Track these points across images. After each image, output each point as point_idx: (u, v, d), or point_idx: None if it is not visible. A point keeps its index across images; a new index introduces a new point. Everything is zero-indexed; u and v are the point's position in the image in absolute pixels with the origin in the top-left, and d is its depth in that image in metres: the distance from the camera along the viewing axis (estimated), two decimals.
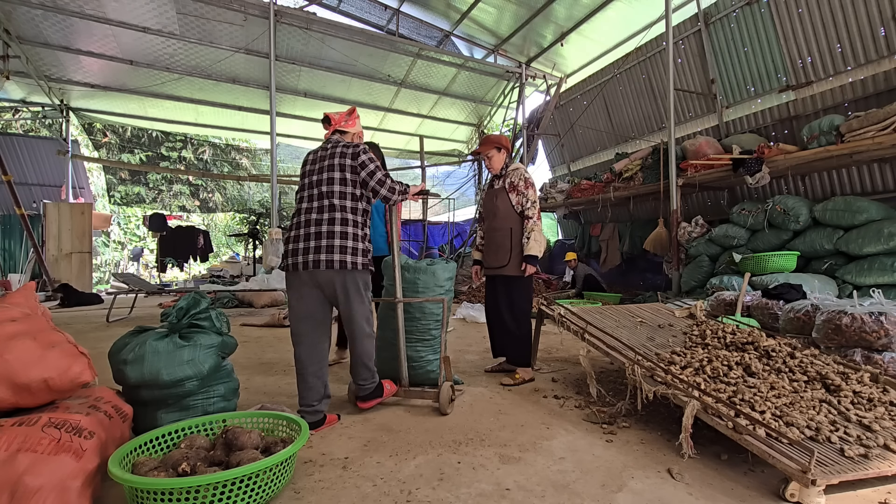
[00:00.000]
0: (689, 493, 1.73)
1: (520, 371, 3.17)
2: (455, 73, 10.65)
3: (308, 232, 2.32)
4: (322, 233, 2.31)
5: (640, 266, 8.68)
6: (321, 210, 2.34)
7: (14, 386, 1.62)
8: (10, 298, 2.01)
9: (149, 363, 2.03)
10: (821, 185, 6.25)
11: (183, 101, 10.35)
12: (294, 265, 2.33)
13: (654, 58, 8.03)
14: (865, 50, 5.46)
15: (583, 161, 10.52)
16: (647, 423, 2.40)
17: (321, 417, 2.34)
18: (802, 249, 5.23)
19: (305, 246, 2.31)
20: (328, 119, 2.56)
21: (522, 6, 8.58)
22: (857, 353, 2.93)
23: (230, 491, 1.52)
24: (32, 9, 7.36)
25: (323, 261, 2.27)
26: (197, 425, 1.98)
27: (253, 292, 7.36)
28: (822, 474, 1.63)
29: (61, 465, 1.45)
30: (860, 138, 4.81)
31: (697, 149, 6.52)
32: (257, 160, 16.89)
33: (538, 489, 1.75)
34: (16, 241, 10.39)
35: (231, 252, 17.40)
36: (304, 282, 2.33)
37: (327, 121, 2.56)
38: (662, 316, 3.41)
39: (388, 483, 1.80)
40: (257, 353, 4.19)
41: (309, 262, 2.29)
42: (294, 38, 8.85)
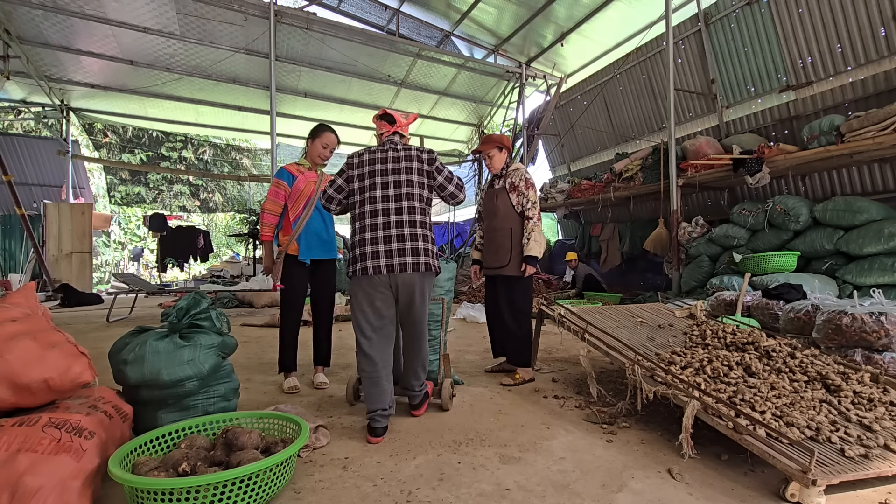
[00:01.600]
0: (690, 494, 1.72)
1: (520, 371, 3.17)
2: (455, 74, 10.65)
3: (389, 234, 2.28)
4: (405, 235, 2.29)
5: (640, 266, 8.68)
6: (399, 212, 2.31)
7: (14, 386, 1.62)
8: (11, 298, 2.01)
9: (149, 363, 2.03)
10: (821, 185, 6.25)
11: (183, 102, 10.34)
12: (376, 268, 2.25)
13: (654, 58, 8.02)
14: (866, 50, 5.46)
15: (583, 161, 10.51)
16: (648, 424, 2.40)
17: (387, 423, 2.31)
18: (803, 249, 5.23)
19: (388, 249, 2.26)
20: (391, 118, 2.50)
21: (522, 6, 8.58)
22: (858, 353, 2.93)
23: (230, 491, 1.52)
24: (33, 9, 7.35)
25: (409, 263, 2.26)
26: (197, 425, 1.98)
27: (253, 292, 7.36)
28: (823, 474, 1.63)
29: (61, 465, 1.45)
30: (860, 138, 4.80)
31: (697, 149, 6.52)
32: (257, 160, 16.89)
33: (538, 489, 1.75)
34: (16, 242, 10.39)
35: (231, 252, 17.41)
36: (379, 285, 2.27)
37: (389, 119, 2.50)
38: (662, 316, 3.40)
39: (389, 483, 1.80)
40: (257, 353, 4.19)
41: (394, 266, 2.25)
42: (294, 38, 8.84)
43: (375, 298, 2.28)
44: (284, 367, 3.10)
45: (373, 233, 2.29)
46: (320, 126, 3.17)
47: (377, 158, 2.39)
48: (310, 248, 3.01)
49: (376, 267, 2.25)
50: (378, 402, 2.26)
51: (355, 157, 2.41)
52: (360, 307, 2.31)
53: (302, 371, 3.48)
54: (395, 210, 2.31)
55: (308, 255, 3.00)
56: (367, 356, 2.30)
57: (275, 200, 3.03)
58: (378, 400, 2.27)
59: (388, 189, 2.33)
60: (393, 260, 2.25)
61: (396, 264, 2.25)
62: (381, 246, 2.27)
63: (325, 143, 3.12)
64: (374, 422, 2.24)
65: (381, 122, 2.51)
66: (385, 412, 2.27)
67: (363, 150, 2.44)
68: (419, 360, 2.46)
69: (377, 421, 2.24)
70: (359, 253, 2.29)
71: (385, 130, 2.49)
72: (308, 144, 3.14)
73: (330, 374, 3.40)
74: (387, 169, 2.36)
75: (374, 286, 2.27)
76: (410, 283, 2.29)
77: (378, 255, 2.26)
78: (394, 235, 2.28)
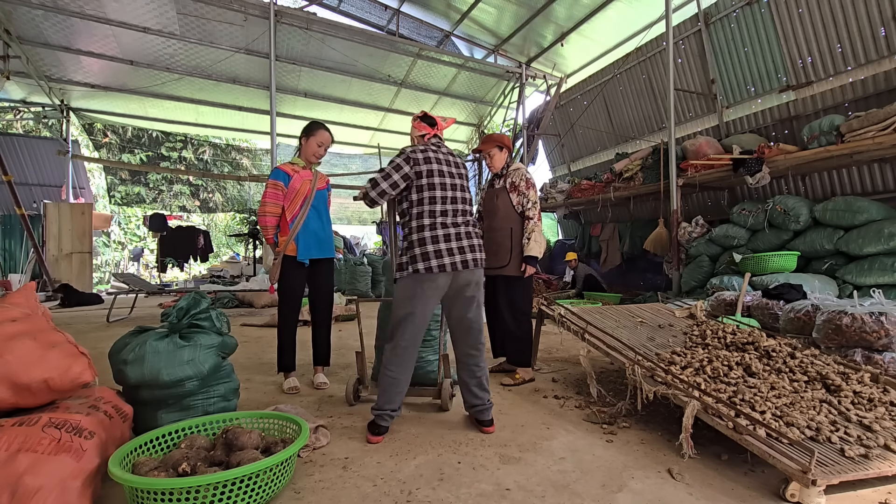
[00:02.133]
0: (690, 494, 1.72)
1: (520, 371, 3.17)
2: (455, 74, 10.65)
3: (458, 232, 2.30)
4: (470, 233, 2.35)
5: (640, 266, 8.67)
6: (464, 214, 2.37)
7: (14, 386, 1.62)
8: (11, 298, 2.01)
9: (149, 363, 2.03)
10: (821, 185, 6.25)
11: (183, 102, 10.34)
12: (452, 265, 2.22)
13: (654, 58, 8.02)
14: (866, 50, 5.46)
15: (583, 161, 10.51)
16: (648, 424, 2.40)
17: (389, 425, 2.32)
18: (803, 249, 5.23)
19: (459, 246, 2.27)
20: (431, 120, 2.50)
21: (522, 6, 8.58)
22: (858, 353, 2.93)
23: (230, 491, 1.52)
24: (33, 9, 7.35)
25: (479, 259, 2.32)
26: (197, 425, 1.98)
27: (253, 292, 7.36)
28: (823, 474, 1.63)
29: (61, 465, 1.45)
30: (860, 138, 4.80)
31: (698, 149, 6.52)
32: (258, 160, 16.88)
33: (538, 489, 1.75)
34: (16, 242, 10.39)
35: (231, 252, 17.41)
36: (442, 285, 2.24)
37: (430, 121, 2.50)
38: (662, 316, 3.41)
39: (389, 483, 1.80)
40: (257, 353, 4.19)
41: (468, 262, 2.27)
42: (294, 38, 8.84)
43: (430, 303, 2.25)
44: (284, 367, 3.09)
45: (443, 230, 2.27)
46: (314, 123, 3.12)
47: (440, 159, 2.37)
48: (308, 248, 2.98)
49: (453, 263, 2.23)
50: (391, 402, 2.25)
51: (417, 154, 2.33)
52: (411, 308, 2.23)
53: (302, 371, 3.48)
54: (461, 212, 2.35)
55: (307, 256, 2.97)
56: (401, 359, 2.26)
57: (275, 202, 2.98)
58: (391, 400, 2.26)
59: (455, 191, 2.35)
60: (467, 256, 2.27)
61: (470, 260, 2.27)
62: (454, 243, 2.26)
63: (320, 141, 3.08)
64: (380, 419, 2.24)
65: (421, 124, 2.50)
66: (394, 413, 2.27)
67: (419, 146, 2.39)
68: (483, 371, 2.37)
69: (384, 419, 2.24)
70: (420, 252, 2.22)
71: (426, 132, 2.48)
72: (302, 143, 3.09)
73: (330, 374, 3.40)
74: (451, 172, 2.37)
75: (436, 286, 2.23)
76: (471, 281, 2.30)
77: (452, 253, 2.24)
78: (463, 233, 2.31)
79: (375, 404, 2.28)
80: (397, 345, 2.26)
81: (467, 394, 2.37)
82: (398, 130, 12.68)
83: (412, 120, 2.56)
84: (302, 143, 3.09)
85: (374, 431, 2.23)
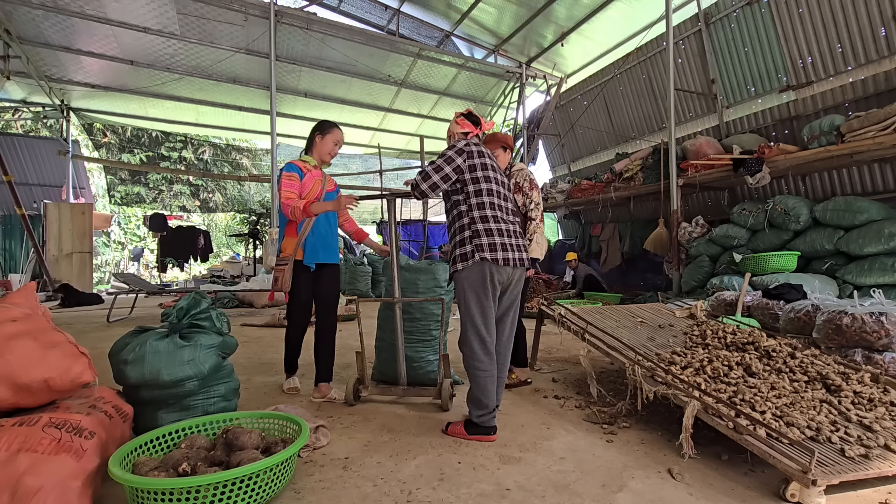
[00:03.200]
0: (690, 494, 1.72)
1: (516, 371, 3.14)
2: (455, 74, 10.65)
3: (511, 230, 2.28)
4: (520, 232, 2.35)
5: (640, 266, 8.68)
6: (514, 213, 2.39)
7: (15, 386, 1.62)
8: (11, 298, 2.01)
9: (149, 363, 2.03)
10: (821, 185, 6.25)
11: (183, 102, 10.35)
12: (516, 261, 2.22)
13: (654, 58, 8.02)
14: (866, 50, 5.46)
15: (583, 161, 10.51)
16: (648, 424, 2.39)
17: None
18: (803, 249, 5.23)
19: (515, 243, 2.26)
20: (476, 119, 2.48)
21: (523, 6, 8.58)
22: (858, 353, 2.93)
23: (230, 491, 1.52)
24: (33, 9, 7.36)
25: (527, 258, 2.32)
26: (197, 425, 1.98)
27: (253, 292, 7.37)
28: (823, 474, 1.63)
29: (62, 465, 1.45)
30: (861, 138, 4.80)
31: (698, 149, 6.52)
32: (258, 160, 16.88)
33: (538, 489, 1.75)
34: (16, 242, 10.39)
35: (231, 252, 17.42)
36: (503, 280, 2.22)
37: (475, 120, 2.48)
38: (663, 316, 3.41)
39: (389, 483, 1.80)
40: (258, 353, 4.19)
41: (524, 259, 2.28)
42: (294, 38, 8.85)
43: (494, 293, 2.21)
44: (289, 368, 3.04)
45: (498, 224, 2.24)
46: (329, 122, 2.94)
47: (488, 155, 2.36)
48: (315, 251, 2.82)
49: (514, 259, 2.21)
50: (496, 398, 2.24)
51: (472, 147, 2.30)
52: (481, 299, 2.18)
53: (302, 370, 3.48)
54: (512, 210, 2.37)
55: (313, 260, 2.82)
56: (490, 353, 2.20)
57: (291, 191, 2.73)
58: (496, 396, 2.24)
59: (504, 188, 2.37)
60: (523, 254, 2.28)
61: (525, 258, 2.29)
62: (511, 239, 2.25)
63: (336, 139, 2.91)
64: (493, 419, 2.22)
65: (465, 121, 2.46)
66: (496, 409, 2.26)
67: (472, 141, 2.36)
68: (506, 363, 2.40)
69: (494, 418, 2.23)
70: (488, 242, 2.18)
71: (470, 130, 2.45)
72: (316, 140, 2.88)
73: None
74: (494, 166, 2.36)
75: (500, 278, 2.20)
76: (521, 279, 2.32)
77: (511, 248, 2.22)
78: (514, 231, 2.30)
79: (477, 409, 2.20)
80: (482, 340, 2.18)
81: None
82: (398, 130, 12.69)
83: (455, 116, 2.51)
84: (316, 140, 2.89)
85: (489, 432, 2.20)
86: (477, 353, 2.19)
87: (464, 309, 2.22)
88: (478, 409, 2.21)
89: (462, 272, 2.20)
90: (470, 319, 2.19)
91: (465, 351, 2.23)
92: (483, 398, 2.19)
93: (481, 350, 2.19)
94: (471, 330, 2.20)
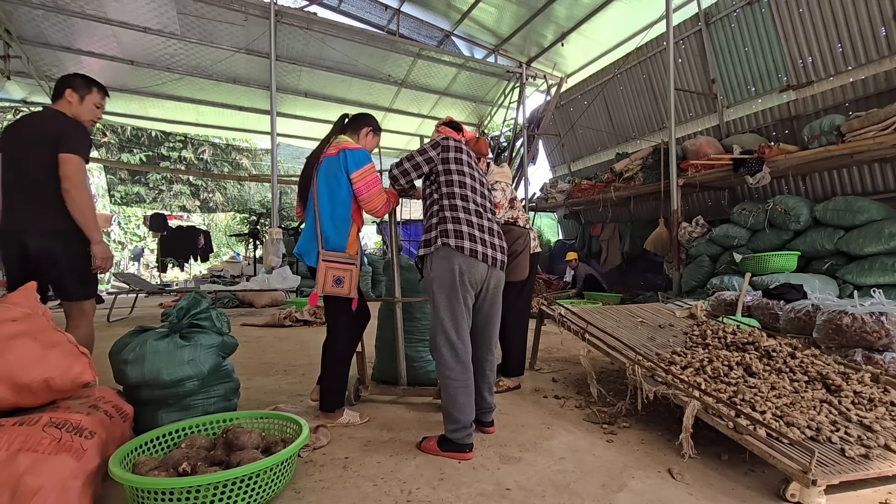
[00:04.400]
0: (690, 494, 1.72)
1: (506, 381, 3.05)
2: (455, 74, 10.65)
3: (486, 226, 2.15)
4: (499, 232, 2.23)
5: (640, 266, 8.68)
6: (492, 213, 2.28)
7: (15, 386, 1.62)
8: (11, 298, 2.01)
9: (149, 363, 2.04)
10: (821, 185, 6.24)
11: (183, 101, 10.35)
12: (489, 257, 2.08)
13: (654, 58, 8.02)
14: (866, 49, 5.46)
15: (583, 161, 10.51)
16: (648, 424, 2.39)
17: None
18: (803, 249, 5.23)
19: (490, 240, 2.13)
20: (458, 126, 2.47)
21: (523, 6, 8.58)
22: (858, 353, 2.93)
23: (231, 491, 1.52)
24: (33, 9, 7.36)
25: (501, 261, 2.18)
26: (197, 425, 1.98)
27: (253, 292, 7.37)
28: (823, 474, 1.63)
29: (62, 465, 1.45)
30: (861, 138, 4.80)
31: (698, 149, 6.51)
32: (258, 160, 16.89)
33: (538, 489, 1.75)
34: None
35: (231, 252, 17.43)
36: (475, 280, 2.06)
37: (456, 127, 2.47)
38: (663, 316, 3.40)
39: (389, 483, 1.80)
40: (258, 353, 4.20)
41: (498, 260, 2.14)
42: (294, 38, 8.85)
43: (465, 294, 2.04)
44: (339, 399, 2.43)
45: (477, 218, 2.13)
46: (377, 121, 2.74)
47: (467, 153, 2.28)
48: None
49: (489, 256, 2.08)
50: (472, 411, 2.05)
51: (449, 141, 2.24)
52: (451, 301, 2.02)
53: (303, 370, 3.48)
54: (489, 210, 2.25)
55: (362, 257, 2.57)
56: (462, 362, 2.03)
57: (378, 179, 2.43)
58: (472, 409, 2.05)
59: (483, 186, 2.28)
60: (497, 254, 2.14)
61: (500, 259, 2.16)
62: (487, 236, 2.12)
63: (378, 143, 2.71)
64: (469, 436, 2.03)
65: (446, 129, 2.44)
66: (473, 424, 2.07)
67: (452, 138, 2.29)
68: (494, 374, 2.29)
69: (472, 435, 2.05)
70: (454, 228, 2.05)
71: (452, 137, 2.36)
72: (367, 133, 2.60)
73: None
74: (476, 175, 2.27)
75: (472, 278, 2.04)
76: (499, 281, 2.19)
77: (486, 244, 2.09)
78: (494, 230, 2.19)
79: (448, 423, 2.02)
80: (452, 347, 2.02)
81: (478, 397, 2.20)
82: (399, 130, 12.68)
83: (437, 125, 2.49)
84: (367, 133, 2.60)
85: (466, 450, 2.01)
86: (447, 360, 2.03)
87: (432, 311, 2.08)
88: (449, 423, 2.03)
89: (428, 268, 2.07)
90: (439, 323, 2.04)
91: (435, 357, 2.10)
92: (453, 411, 2.00)
93: (452, 358, 2.02)
94: (440, 335, 2.04)
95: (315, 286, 2.26)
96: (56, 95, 2.50)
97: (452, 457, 2.01)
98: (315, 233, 2.32)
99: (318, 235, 2.31)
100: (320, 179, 2.35)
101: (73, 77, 2.55)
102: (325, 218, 2.33)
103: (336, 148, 2.37)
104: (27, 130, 2.39)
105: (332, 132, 2.51)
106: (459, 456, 2.00)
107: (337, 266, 2.29)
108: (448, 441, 2.03)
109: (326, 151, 2.38)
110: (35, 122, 2.44)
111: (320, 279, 2.25)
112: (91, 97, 2.60)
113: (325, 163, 2.36)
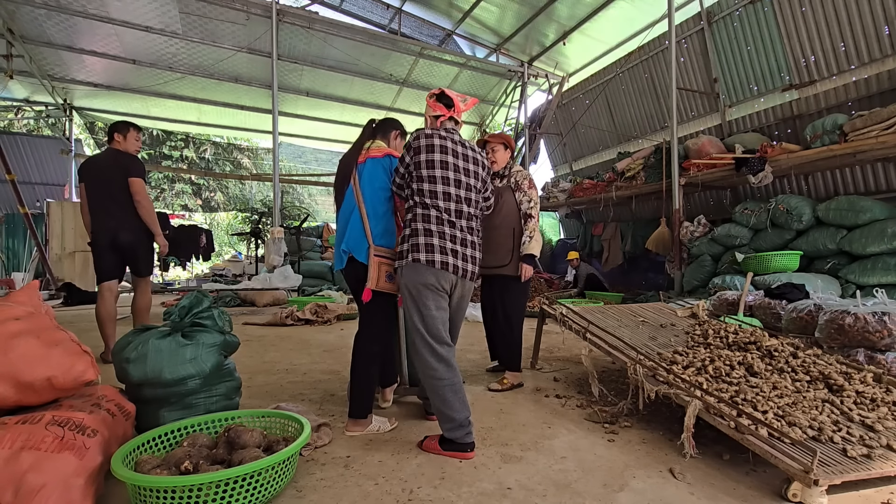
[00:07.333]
0: (691, 493, 1.72)
1: (508, 376, 3.09)
2: (457, 73, 10.64)
3: (464, 238, 2.13)
4: (471, 242, 2.17)
5: (642, 265, 8.67)
6: (469, 217, 2.18)
7: (18, 384, 1.62)
8: (14, 297, 2.02)
9: (151, 362, 2.04)
10: (824, 184, 6.23)
11: (185, 101, 10.38)
12: (459, 269, 2.08)
13: (656, 57, 8.01)
14: (869, 48, 5.44)
15: (585, 160, 10.50)
16: (649, 423, 2.39)
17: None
18: (805, 249, 5.22)
19: (464, 252, 2.12)
20: (448, 100, 2.23)
21: (525, 5, 8.57)
22: (860, 353, 2.92)
23: (232, 489, 1.52)
24: (36, 8, 7.38)
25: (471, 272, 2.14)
26: (199, 424, 1.98)
27: (255, 291, 7.37)
28: (825, 474, 1.63)
29: (64, 463, 1.46)
30: (864, 137, 4.79)
31: (700, 148, 6.50)
32: (259, 159, 16.92)
33: (540, 488, 1.75)
34: (19, 240, 10.43)
35: (233, 251, 17.44)
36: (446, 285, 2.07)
37: (447, 102, 2.23)
38: (664, 315, 3.40)
39: (390, 482, 1.80)
40: (259, 352, 4.20)
41: (468, 271, 2.12)
42: (296, 37, 8.86)
43: (442, 299, 2.08)
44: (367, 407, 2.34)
45: (450, 228, 2.10)
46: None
47: (448, 148, 2.14)
48: None
49: (459, 268, 2.08)
50: (465, 408, 2.03)
51: (421, 141, 2.13)
52: (419, 306, 2.05)
53: (304, 369, 3.49)
54: (466, 214, 2.16)
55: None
56: (447, 362, 2.04)
57: None
58: (464, 406, 2.03)
59: (459, 188, 2.14)
60: (468, 266, 2.13)
61: (471, 271, 2.13)
62: (459, 246, 2.10)
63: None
64: (469, 435, 2.01)
65: (436, 104, 2.24)
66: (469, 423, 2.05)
67: (421, 133, 2.16)
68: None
69: (471, 434, 2.03)
70: (425, 242, 2.04)
71: (441, 114, 2.22)
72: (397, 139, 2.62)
73: (332, 372, 3.41)
74: (457, 165, 2.15)
75: (443, 285, 2.06)
76: (469, 292, 2.19)
77: (457, 255, 2.08)
78: (468, 241, 2.15)
79: (443, 423, 2.03)
80: (434, 350, 2.03)
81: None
82: None
83: (427, 97, 2.30)
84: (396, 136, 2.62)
85: (467, 449, 2.00)
86: (428, 360, 2.04)
87: (407, 317, 2.11)
88: (444, 423, 2.03)
89: (400, 276, 2.09)
90: (413, 326, 2.08)
91: (416, 360, 2.11)
92: (445, 410, 2.01)
93: (432, 358, 2.03)
94: (417, 337, 2.06)
95: (368, 281, 2.21)
96: (109, 139, 3.68)
97: (454, 456, 2.00)
98: (363, 230, 2.29)
99: (366, 232, 2.28)
100: (364, 180, 2.35)
101: (115, 124, 3.71)
102: (371, 216, 2.32)
103: (380, 151, 2.41)
104: (103, 164, 3.59)
105: (365, 136, 2.53)
106: (461, 455, 2.00)
107: (388, 262, 2.28)
108: (449, 440, 2.03)
109: (369, 153, 2.41)
110: (108, 158, 3.61)
111: (373, 273, 2.21)
112: (130, 135, 3.69)
113: (370, 164, 2.37)
